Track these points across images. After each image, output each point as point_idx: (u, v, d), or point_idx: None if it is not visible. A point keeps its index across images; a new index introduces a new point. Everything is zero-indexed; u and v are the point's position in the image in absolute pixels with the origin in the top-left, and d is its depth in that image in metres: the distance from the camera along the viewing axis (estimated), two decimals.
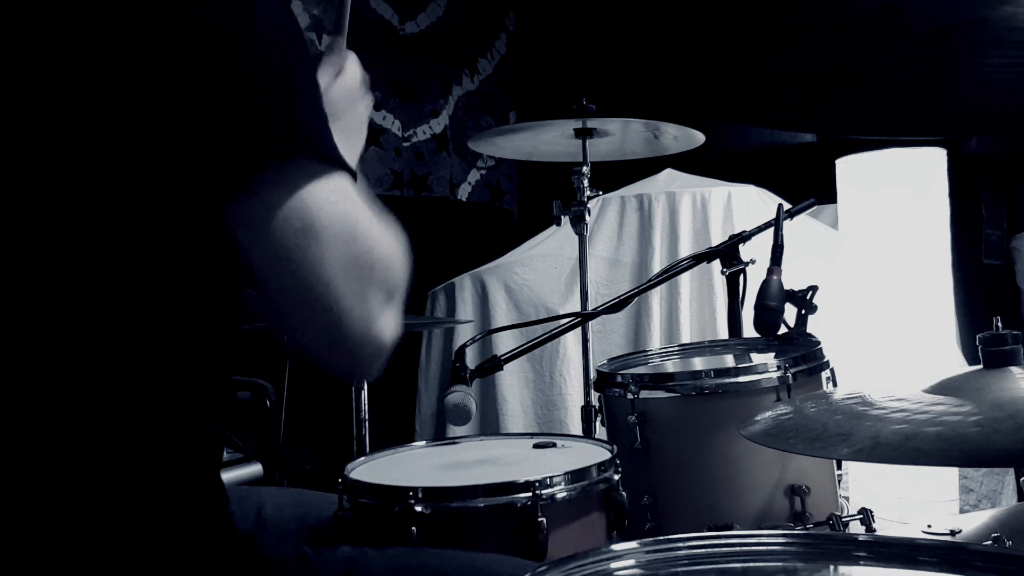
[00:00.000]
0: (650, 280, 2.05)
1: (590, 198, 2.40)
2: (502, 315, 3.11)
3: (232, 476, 2.29)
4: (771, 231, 1.94)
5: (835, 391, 1.33)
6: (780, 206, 1.97)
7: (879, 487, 2.31)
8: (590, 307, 2.28)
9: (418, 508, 1.26)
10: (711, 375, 1.63)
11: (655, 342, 2.91)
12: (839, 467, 1.76)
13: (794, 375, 1.60)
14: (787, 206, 2.00)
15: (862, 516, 1.48)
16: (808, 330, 1.81)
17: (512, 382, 3.06)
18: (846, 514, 1.50)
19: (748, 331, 1.93)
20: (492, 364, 1.72)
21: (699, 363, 1.91)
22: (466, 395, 1.54)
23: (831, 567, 0.85)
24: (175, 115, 0.81)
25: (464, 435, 1.87)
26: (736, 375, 1.62)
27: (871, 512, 1.48)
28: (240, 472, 2.32)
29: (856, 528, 1.48)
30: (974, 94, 1.61)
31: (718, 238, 2.87)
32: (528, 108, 4.86)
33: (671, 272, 2.03)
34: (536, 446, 1.56)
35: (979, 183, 4.27)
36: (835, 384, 1.70)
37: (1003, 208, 4.40)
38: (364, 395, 2.40)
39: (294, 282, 0.82)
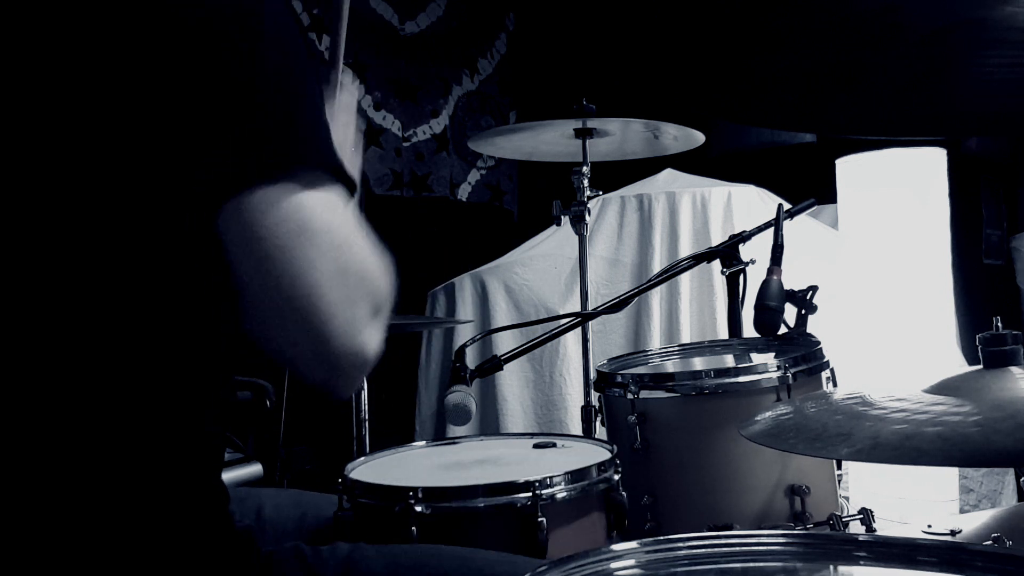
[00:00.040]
0: (650, 280, 2.05)
1: (590, 198, 2.40)
2: (502, 315, 3.11)
3: (232, 476, 2.29)
4: (771, 231, 1.94)
5: (835, 391, 1.33)
6: (780, 206, 1.97)
7: (879, 487, 2.31)
8: (590, 307, 2.27)
9: (418, 508, 1.26)
10: (711, 375, 1.63)
11: (655, 342, 2.91)
12: (839, 467, 1.76)
13: (794, 375, 1.60)
14: (787, 206, 2.00)
15: (862, 516, 1.48)
16: (808, 330, 1.81)
17: (512, 382, 3.06)
18: (846, 514, 1.50)
19: (748, 331, 1.93)
20: (492, 364, 1.72)
21: (699, 363, 1.91)
22: (466, 395, 1.54)
23: (831, 567, 0.85)
24: (177, 115, 0.81)
25: (464, 435, 1.87)
26: (736, 375, 1.62)
27: (871, 512, 1.48)
28: (240, 472, 2.32)
29: (856, 528, 1.48)
30: (974, 94, 1.61)
31: (718, 238, 2.87)
32: (528, 108, 4.86)
33: (671, 272, 2.03)
34: (536, 446, 1.56)
35: (979, 183, 4.26)
36: (835, 384, 1.70)
37: (1003, 208, 4.39)
38: (364, 395, 2.39)
39: (281, 284, 0.81)
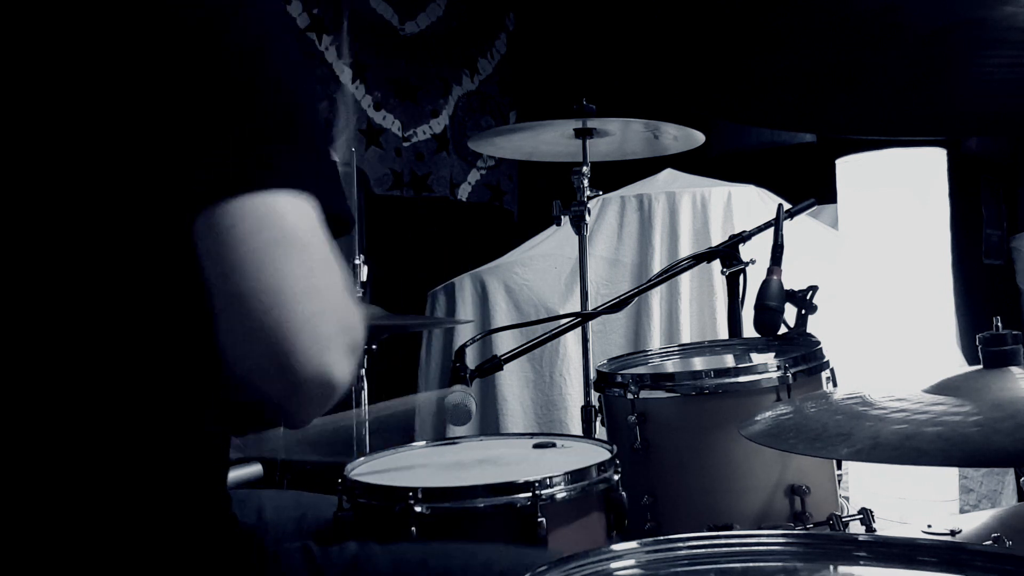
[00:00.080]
0: (650, 280, 2.05)
1: (590, 198, 2.39)
2: (502, 315, 3.11)
3: (232, 476, 2.29)
4: (771, 231, 1.94)
5: (835, 391, 1.33)
6: (780, 206, 1.97)
7: (879, 487, 2.31)
8: (590, 307, 2.27)
9: (418, 508, 1.26)
10: (711, 375, 1.63)
11: (655, 342, 2.91)
12: (839, 467, 1.76)
13: (794, 375, 1.60)
14: (787, 206, 2.00)
15: (862, 516, 1.48)
16: (808, 330, 1.81)
17: (512, 382, 3.06)
18: (846, 514, 1.50)
19: (748, 331, 1.93)
20: (492, 364, 1.72)
21: (699, 363, 1.91)
22: (466, 395, 1.54)
23: (831, 567, 0.85)
24: (173, 115, 0.81)
25: (464, 435, 1.87)
26: (736, 375, 1.62)
27: (871, 512, 1.48)
28: (240, 472, 2.32)
29: (856, 528, 1.48)
30: (974, 94, 1.61)
31: (718, 238, 2.87)
32: (528, 108, 4.86)
33: (671, 272, 2.03)
34: (536, 446, 1.56)
35: (979, 183, 4.26)
36: (835, 384, 1.70)
37: (1003, 208, 4.39)
38: (364, 395, 2.39)
39: (250, 292, 0.79)
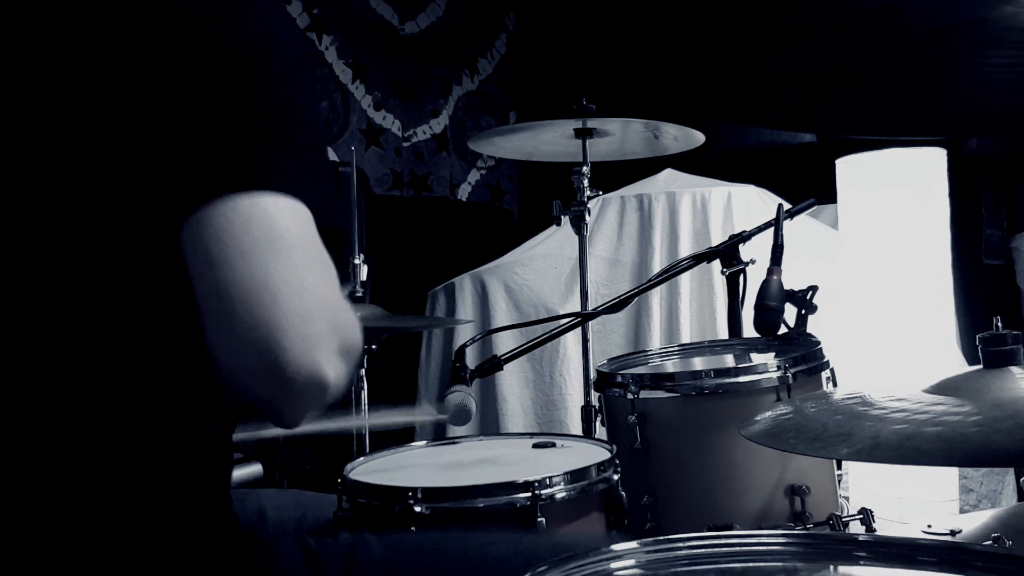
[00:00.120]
0: (650, 280, 2.05)
1: (590, 198, 2.39)
2: (502, 315, 3.11)
3: (232, 476, 2.29)
4: (771, 231, 1.94)
5: (835, 391, 1.33)
6: (780, 206, 1.97)
7: (879, 487, 2.31)
8: (590, 307, 2.27)
9: (418, 508, 1.26)
10: (711, 375, 1.63)
11: (655, 342, 2.91)
12: (839, 467, 1.76)
13: (794, 375, 1.60)
14: (787, 206, 2.00)
15: (862, 516, 1.48)
16: (808, 330, 1.81)
17: (512, 382, 3.06)
18: (846, 514, 1.50)
19: (748, 331, 1.93)
20: (492, 364, 1.71)
21: (699, 363, 1.91)
22: (466, 395, 1.54)
23: (831, 567, 0.85)
24: (173, 115, 0.81)
25: (464, 435, 1.87)
26: (736, 375, 1.62)
27: (871, 512, 1.48)
28: (240, 472, 2.32)
29: (856, 528, 1.48)
30: (974, 94, 1.61)
31: (718, 238, 2.87)
32: (528, 108, 4.86)
33: (671, 272, 2.03)
34: (536, 446, 1.56)
35: (979, 183, 4.26)
36: (835, 384, 1.70)
37: (1003, 208, 4.39)
38: (364, 395, 2.40)
39: (239, 290, 0.78)
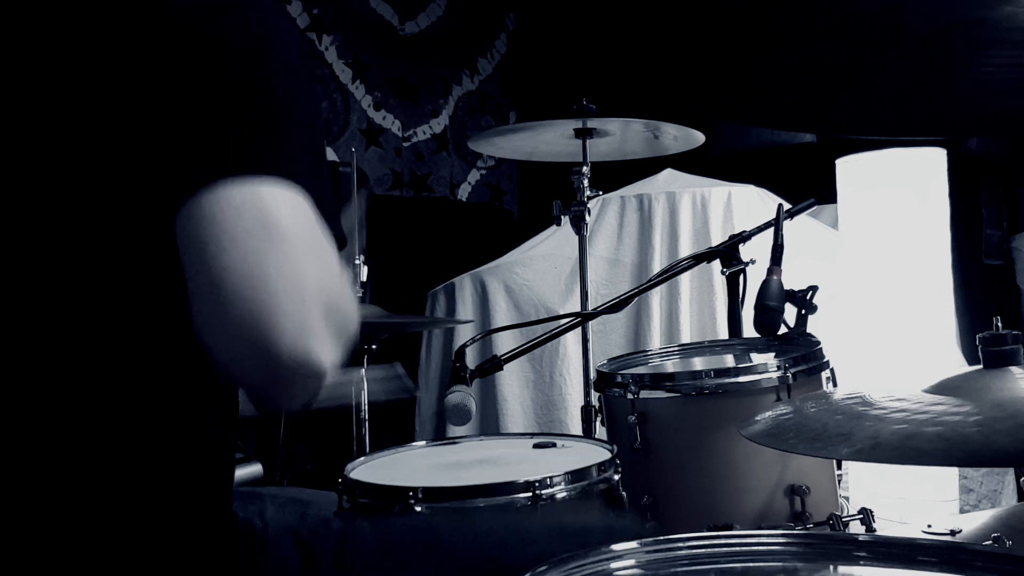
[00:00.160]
0: (650, 280, 2.05)
1: (590, 198, 2.40)
2: (502, 315, 3.11)
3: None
4: (771, 231, 1.94)
5: (835, 391, 1.33)
6: (780, 206, 1.97)
7: (879, 487, 2.31)
8: (590, 307, 2.27)
9: (418, 508, 1.26)
10: (711, 375, 1.63)
11: (655, 342, 2.90)
12: (839, 467, 1.76)
13: (794, 375, 1.60)
14: (787, 206, 2.00)
15: (862, 516, 1.48)
16: (808, 330, 1.81)
17: (512, 382, 3.06)
18: (846, 514, 1.50)
19: (748, 331, 1.93)
20: (492, 364, 1.71)
21: (699, 363, 1.91)
22: (466, 395, 1.54)
23: (831, 567, 0.85)
24: (169, 106, 0.81)
25: (464, 435, 1.87)
26: (736, 375, 1.62)
27: (871, 512, 1.48)
28: (240, 472, 2.32)
29: (856, 528, 1.48)
30: (974, 94, 1.61)
31: (718, 238, 2.87)
32: (528, 108, 4.86)
33: (671, 272, 2.03)
34: (536, 446, 1.56)
35: (979, 183, 4.25)
36: (835, 384, 1.70)
37: (1003, 208, 4.38)
38: (364, 395, 2.40)
39: (230, 278, 0.77)
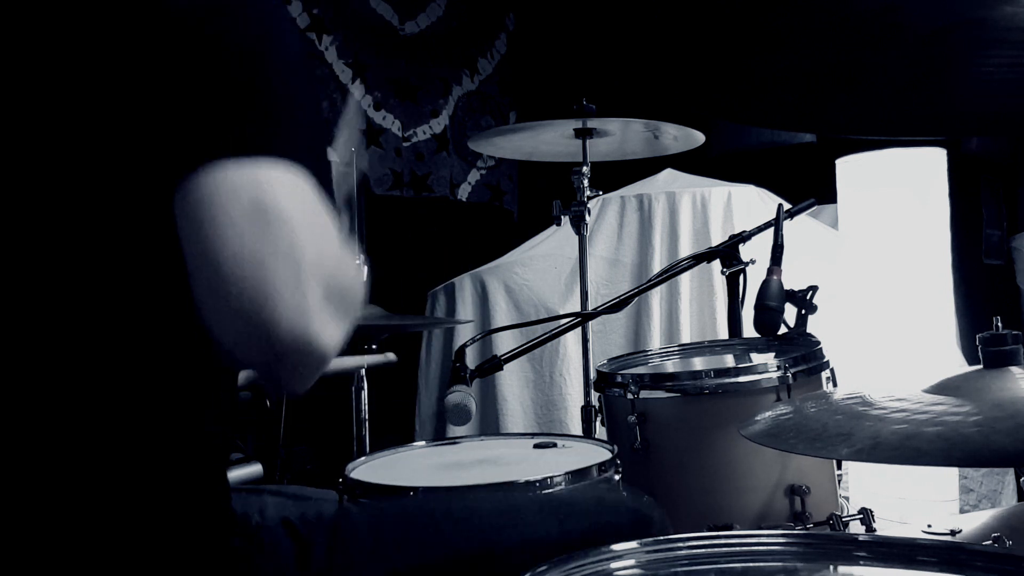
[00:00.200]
0: (650, 280, 2.05)
1: (590, 198, 2.40)
2: (502, 315, 3.11)
3: (232, 476, 2.28)
4: (771, 231, 1.94)
5: (835, 391, 1.33)
6: (780, 206, 1.97)
7: (879, 487, 2.31)
8: (590, 307, 2.27)
9: None
10: (711, 375, 1.63)
11: (655, 342, 2.91)
12: (839, 467, 1.76)
13: (794, 375, 1.60)
14: (787, 206, 2.00)
15: (862, 516, 1.48)
16: (808, 330, 1.81)
17: (512, 382, 3.06)
18: (846, 514, 1.50)
19: (748, 331, 1.93)
20: (492, 364, 1.72)
21: (699, 363, 1.91)
22: (466, 395, 1.54)
23: (831, 567, 0.85)
24: (159, 89, 0.80)
25: (464, 435, 1.87)
26: (736, 375, 1.62)
27: (871, 512, 1.48)
28: (240, 472, 2.31)
29: (856, 528, 1.48)
30: (974, 94, 1.61)
31: (718, 238, 2.87)
32: (528, 108, 4.86)
33: (671, 272, 2.03)
34: (536, 446, 1.56)
35: (979, 183, 4.26)
36: (835, 384, 1.70)
37: (1003, 208, 4.39)
38: (364, 395, 2.39)
39: (225, 260, 0.78)
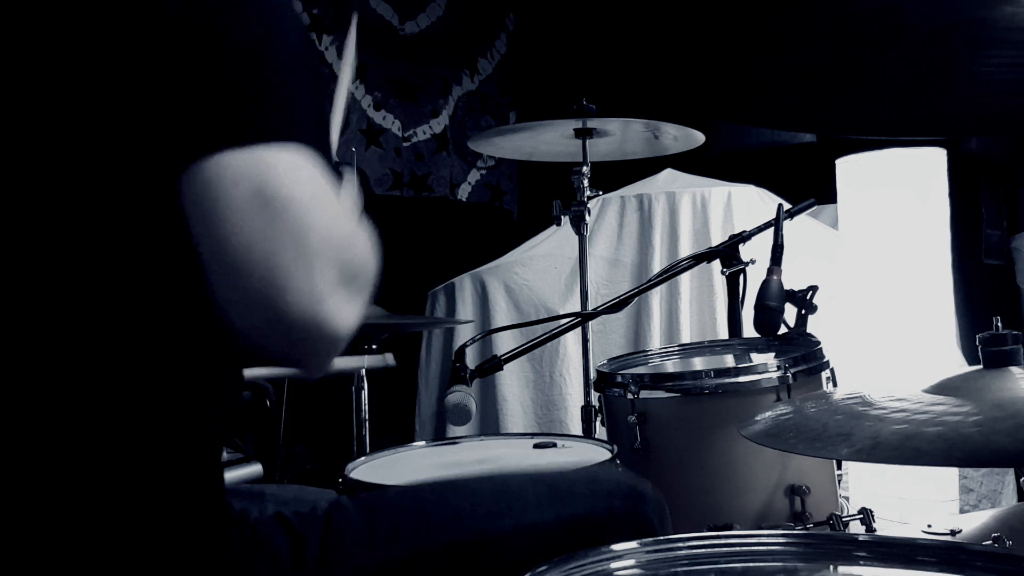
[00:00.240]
0: (650, 280, 2.06)
1: (590, 198, 2.40)
2: (502, 315, 3.11)
3: (232, 476, 2.29)
4: (771, 231, 1.94)
5: (835, 391, 1.33)
6: (780, 206, 1.97)
7: (879, 487, 2.31)
8: (590, 307, 2.28)
9: None
10: (711, 375, 1.63)
11: (655, 342, 2.91)
12: (839, 467, 1.76)
13: (794, 375, 1.60)
14: (787, 206, 2.00)
15: (862, 516, 1.48)
16: (808, 330, 1.81)
17: (512, 382, 3.06)
18: (846, 514, 1.50)
19: (748, 331, 1.93)
20: (492, 364, 1.72)
21: (699, 363, 1.91)
22: (466, 395, 1.54)
23: (831, 567, 0.85)
24: (152, 76, 0.80)
25: (464, 435, 1.87)
26: (736, 375, 1.62)
27: (871, 512, 1.48)
28: (240, 472, 2.31)
29: (856, 528, 1.48)
30: (974, 94, 1.61)
31: (718, 238, 2.87)
32: (528, 108, 4.86)
33: (671, 272, 2.03)
34: (536, 446, 1.56)
35: (979, 183, 4.26)
36: (835, 384, 1.70)
37: (1003, 208, 4.39)
38: (364, 395, 2.39)
39: (233, 247, 0.78)
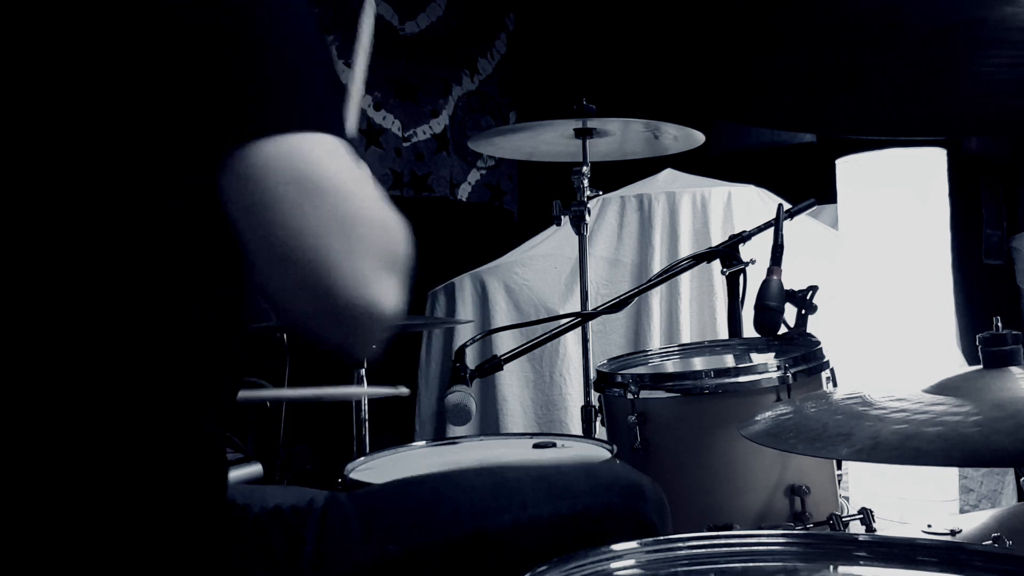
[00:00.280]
0: (650, 280, 2.06)
1: (590, 198, 2.40)
2: (502, 315, 3.11)
3: (232, 476, 2.28)
4: (771, 231, 1.94)
5: (835, 391, 1.33)
6: (780, 206, 1.97)
7: (879, 487, 2.31)
8: (590, 307, 2.28)
9: None
10: (711, 375, 1.63)
11: (655, 342, 2.91)
12: (839, 467, 1.76)
13: (794, 375, 1.60)
14: (787, 206, 2.00)
15: (862, 516, 1.48)
16: (808, 330, 1.81)
17: (512, 382, 3.06)
18: (846, 514, 1.50)
19: (748, 331, 1.93)
20: (492, 364, 1.72)
21: (699, 363, 1.91)
22: (466, 395, 1.54)
23: (831, 567, 0.85)
24: (179, 71, 0.80)
25: (464, 435, 1.87)
26: (736, 375, 1.62)
27: (871, 512, 1.48)
28: (240, 472, 2.31)
29: (856, 528, 1.48)
30: (974, 94, 1.61)
31: (718, 238, 2.87)
32: (528, 108, 4.86)
33: (671, 272, 2.03)
34: (536, 446, 1.56)
35: (979, 183, 4.26)
36: (835, 384, 1.70)
37: (1003, 208, 4.39)
38: (364, 395, 2.39)
39: (281, 237, 0.79)
